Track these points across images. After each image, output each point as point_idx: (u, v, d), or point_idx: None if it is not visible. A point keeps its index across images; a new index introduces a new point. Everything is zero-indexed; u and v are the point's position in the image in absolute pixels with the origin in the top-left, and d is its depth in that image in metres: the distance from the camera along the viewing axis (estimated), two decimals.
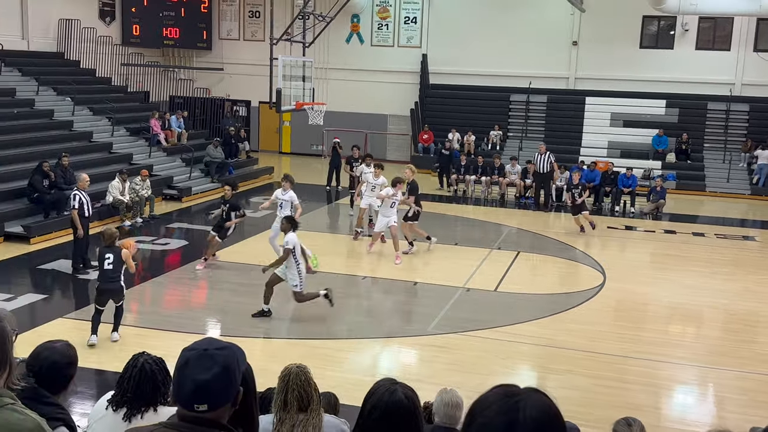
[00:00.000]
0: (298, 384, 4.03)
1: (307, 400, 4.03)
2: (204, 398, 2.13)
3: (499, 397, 1.63)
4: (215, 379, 2.12)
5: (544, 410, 1.62)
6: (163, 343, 9.31)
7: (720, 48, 25.64)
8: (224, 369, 2.14)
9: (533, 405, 1.60)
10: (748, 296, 13.13)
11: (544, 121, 26.55)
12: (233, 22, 29.72)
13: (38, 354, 3.47)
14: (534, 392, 1.66)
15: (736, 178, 23.89)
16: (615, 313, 12.33)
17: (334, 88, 26.88)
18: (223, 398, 2.17)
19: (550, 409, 1.64)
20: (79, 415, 7.35)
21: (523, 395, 1.63)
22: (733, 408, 8.74)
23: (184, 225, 17.42)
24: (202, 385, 2.12)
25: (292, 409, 4.00)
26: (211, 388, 2.13)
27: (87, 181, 13.30)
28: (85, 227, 12.85)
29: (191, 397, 2.14)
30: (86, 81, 23.19)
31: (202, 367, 2.13)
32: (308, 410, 4.02)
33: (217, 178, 21.57)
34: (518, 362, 10.00)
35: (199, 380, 2.12)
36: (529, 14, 26.61)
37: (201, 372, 2.13)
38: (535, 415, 1.59)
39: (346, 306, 12.14)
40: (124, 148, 20.58)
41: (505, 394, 1.64)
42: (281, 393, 4.03)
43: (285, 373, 4.12)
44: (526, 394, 1.64)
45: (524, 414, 1.58)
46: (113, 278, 9.65)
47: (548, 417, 1.62)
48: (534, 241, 16.98)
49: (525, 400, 1.61)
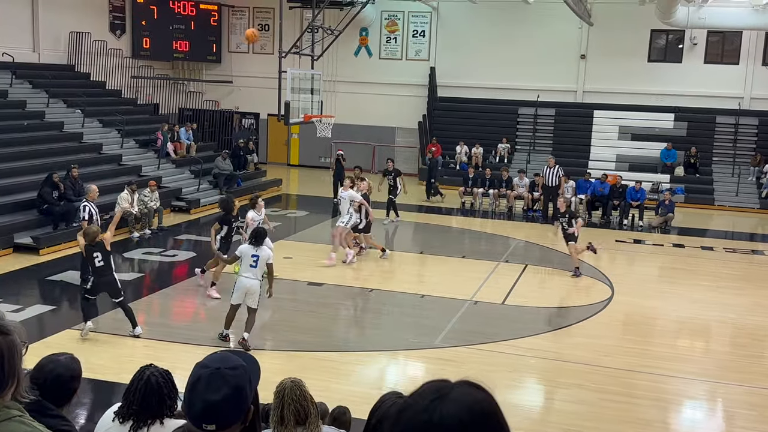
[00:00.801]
0: (293, 399, 4.02)
1: (304, 414, 4.01)
2: (213, 419, 2.13)
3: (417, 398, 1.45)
4: (225, 399, 2.12)
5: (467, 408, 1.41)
6: (171, 356, 9.33)
7: (729, 62, 25.62)
8: (235, 390, 2.14)
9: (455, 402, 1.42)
10: (758, 311, 13.05)
11: (552, 134, 26.55)
12: (243, 35, 29.86)
13: (42, 367, 3.48)
14: (461, 386, 1.46)
15: (745, 192, 23.80)
16: (623, 327, 12.29)
17: (342, 100, 26.95)
18: (233, 418, 2.17)
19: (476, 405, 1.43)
20: (87, 427, 7.36)
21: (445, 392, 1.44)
22: (743, 423, 8.69)
23: (192, 237, 17.46)
24: (211, 406, 2.12)
25: (290, 423, 3.99)
26: (221, 409, 2.12)
27: (96, 193, 13.39)
28: None
29: (200, 416, 2.14)
30: (96, 93, 23.33)
31: (212, 388, 2.13)
32: (306, 423, 4.01)
33: (225, 190, 21.63)
34: (525, 376, 9.96)
35: (209, 401, 2.12)
36: (537, 28, 26.66)
37: (211, 392, 2.12)
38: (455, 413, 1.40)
39: (353, 318, 12.15)
40: (133, 160, 20.68)
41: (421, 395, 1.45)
42: (277, 409, 4.02)
43: (279, 388, 4.11)
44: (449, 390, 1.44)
45: (441, 414, 1.40)
46: (106, 273, 10.19)
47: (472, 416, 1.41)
48: (542, 254, 16.95)
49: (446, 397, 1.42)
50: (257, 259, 10.01)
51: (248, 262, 10.08)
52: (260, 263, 10.01)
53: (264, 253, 10.09)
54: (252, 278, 10.04)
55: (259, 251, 10.08)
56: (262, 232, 10.37)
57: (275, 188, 24.25)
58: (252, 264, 10.03)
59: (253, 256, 10.04)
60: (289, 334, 10.95)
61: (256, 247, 10.11)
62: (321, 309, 12.20)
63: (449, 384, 1.46)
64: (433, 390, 1.45)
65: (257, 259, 10.01)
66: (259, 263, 10.01)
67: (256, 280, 10.05)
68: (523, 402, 9.03)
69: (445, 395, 1.42)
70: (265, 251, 10.14)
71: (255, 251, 10.06)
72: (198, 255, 15.66)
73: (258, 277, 10.05)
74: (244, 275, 10.08)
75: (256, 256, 10.02)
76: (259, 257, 10.01)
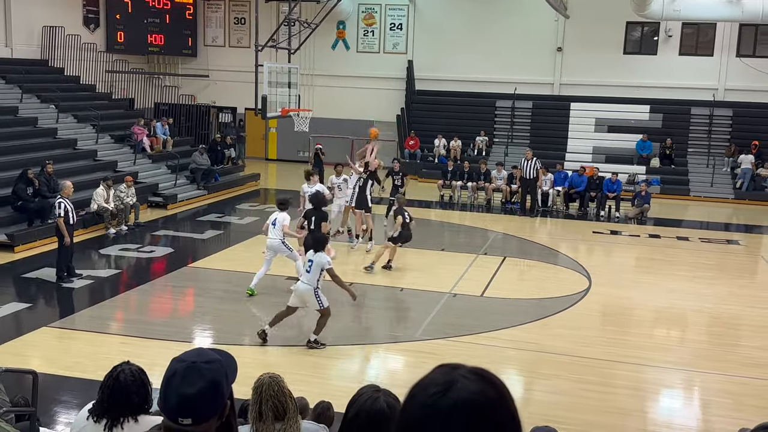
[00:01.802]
0: (272, 394, 4.01)
1: (283, 409, 4.00)
2: (188, 412, 2.13)
3: (424, 387, 1.44)
4: (201, 393, 2.11)
5: (473, 396, 1.40)
6: (149, 353, 9.27)
7: (703, 53, 25.85)
8: (210, 384, 2.13)
9: (461, 391, 1.40)
10: (732, 300, 13.22)
11: (530, 127, 26.65)
12: (218, 28, 29.67)
13: None
14: (468, 377, 1.44)
15: (720, 183, 24.07)
16: (601, 317, 12.39)
17: (319, 94, 26.89)
18: (208, 412, 2.16)
19: (481, 395, 1.42)
20: (64, 425, 7.30)
21: (451, 383, 1.42)
22: (719, 411, 8.80)
23: (169, 232, 17.33)
24: (187, 399, 2.11)
25: (268, 419, 3.97)
26: (196, 403, 2.12)
27: (71, 189, 13.23)
28: (70, 235, 12.78)
29: (176, 410, 2.14)
30: (70, 88, 23.05)
31: (188, 381, 2.12)
32: (285, 419, 3.99)
33: (202, 185, 21.50)
34: (505, 367, 10.01)
35: (185, 394, 2.11)
36: (513, 20, 26.74)
37: (187, 386, 2.12)
38: (462, 402, 1.39)
39: (333, 313, 12.12)
40: (109, 156, 20.48)
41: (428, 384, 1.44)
42: (255, 404, 4.01)
43: (258, 384, 4.09)
44: (456, 380, 1.42)
45: (446, 403, 1.39)
46: None
47: (478, 405, 1.40)
48: (520, 246, 17.03)
49: (451, 386, 1.40)
50: (311, 264, 9.90)
51: (305, 267, 10.06)
52: (314, 268, 9.88)
53: (318, 259, 9.91)
54: (305, 283, 9.91)
55: (315, 256, 9.92)
56: (322, 239, 10.27)
57: (253, 183, 24.13)
58: (307, 269, 9.96)
59: (309, 260, 9.95)
60: (271, 329, 10.89)
61: (315, 252, 9.99)
62: None
63: (455, 377, 1.43)
64: (438, 382, 1.44)
65: (311, 264, 9.90)
66: (312, 268, 9.87)
67: (308, 285, 9.87)
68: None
69: (447, 390, 1.41)
70: (319, 257, 9.94)
71: (311, 256, 9.96)
72: (175, 251, 15.57)
73: (312, 282, 9.86)
74: (302, 280, 10.04)
75: (311, 261, 9.91)
76: (313, 262, 9.89)
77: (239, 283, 13.03)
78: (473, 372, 1.45)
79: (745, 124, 25.14)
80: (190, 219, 18.79)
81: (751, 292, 13.91)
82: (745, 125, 25.09)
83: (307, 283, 9.89)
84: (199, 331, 10.99)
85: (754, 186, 23.65)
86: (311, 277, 9.88)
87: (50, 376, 8.40)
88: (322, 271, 9.88)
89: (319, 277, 9.91)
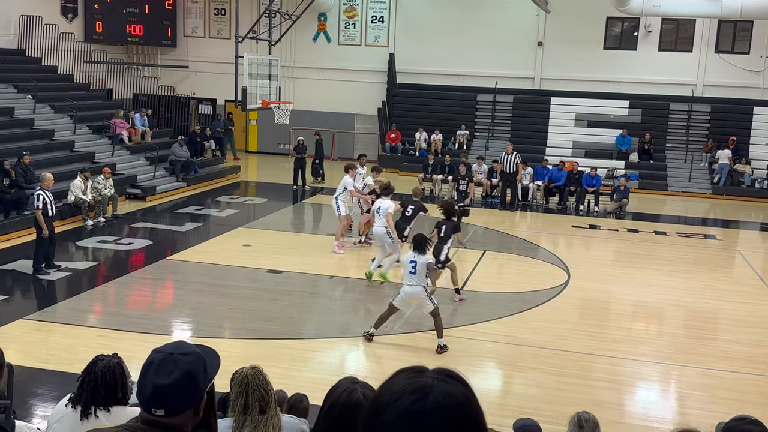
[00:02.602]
0: (257, 384, 4.04)
1: (267, 399, 4.04)
2: (161, 403, 2.12)
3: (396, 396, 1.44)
4: (175, 384, 2.11)
5: (452, 398, 1.42)
6: (127, 345, 9.19)
7: (682, 49, 26.05)
8: (186, 375, 2.13)
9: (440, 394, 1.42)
10: (709, 294, 13.36)
11: (510, 121, 26.73)
12: (198, 19, 29.44)
13: None
14: (441, 383, 1.45)
15: (698, 178, 24.29)
16: (579, 311, 12.46)
17: (300, 86, 26.81)
18: (182, 405, 2.15)
19: (461, 395, 1.45)
20: (40, 418, 7.24)
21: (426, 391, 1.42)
22: (695, 404, 8.89)
23: (148, 224, 17.19)
24: (160, 390, 2.11)
25: (254, 410, 3.99)
26: (169, 394, 2.11)
27: (51, 181, 13.11)
28: (49, 227, 12.65)
29: (149, 400, 2.14)
30: (48, 78, 22.79)
31: (163, 372, 2.12)
32: (267, 410, 4.02)
33: (181, 177, 21.36)
34: (484, 360, 10.06)
35: (158, 384, 2.11)
36: (495, 15, 26.77)
37: (161, 376, 2.12)
38: (446, 404, 1.41)
39: (312, 306, 12.11)
40: (87, 147, 20.27)
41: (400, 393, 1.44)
42: (240, 396, 4.02)
43: (242, 376, 4.10)
44: (429, 388, 1.43)
45: (428, 414, 1.40)
46: None
47: (460, 405, 1.43)
48: (500, 240, 17.09)
49: (427, 397, 1.41)
50: (415, 265, 9.78)
51: (408, 269, 9.86)
52: (419, 269, 9.79)
53: (421, 259, 9.82)
54: (413, 285, 9.80)
55: (418, 258, 9.81)
56: (422, 240, 10.05)
57: (233, 175, 24.01)
58: (411, 271, 9.81)
59: (411, 262, 9.81)
60: (248, 322, 10.88)
61: (416, 253, 9.85)
62: (281, 296, 12.14)
63: (428, 382, 1.44)
64: (411, 390, 1.43)
65: (415, 265, 9.78)
66: (417, 269, 9.78)
67: (418, 286, 9.79)
68: (481, 386, 9.10)
69: (425, 395, 1.41)
70: (423, 257, 9.85)
71: (413, 257, 9.83)
72: (153, 243, 15.45)
73: (421, 283, 9.81)
74: (407, 283, 9.89)
75: (414, 262, 9.79)
76: (417, 263, 9.78)
77: (218, 276, 12.98)
78: (443, 373, 1.47)
79: (722, 120, 25.38)
80: (169, 211, 18.66)
81: (727, 286, 14.06)
82: (723, 121, 25.34)
83: (414, 284, 9.78)
84: (178, 324, 10.93)
85: (731, 181, 23.91)
86: (418, 278, 9.78)
87: (27, 369, 8.32)
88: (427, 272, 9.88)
89: (426, 276, 9.88)
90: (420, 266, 9.78)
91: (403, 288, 9.97)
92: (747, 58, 25.50)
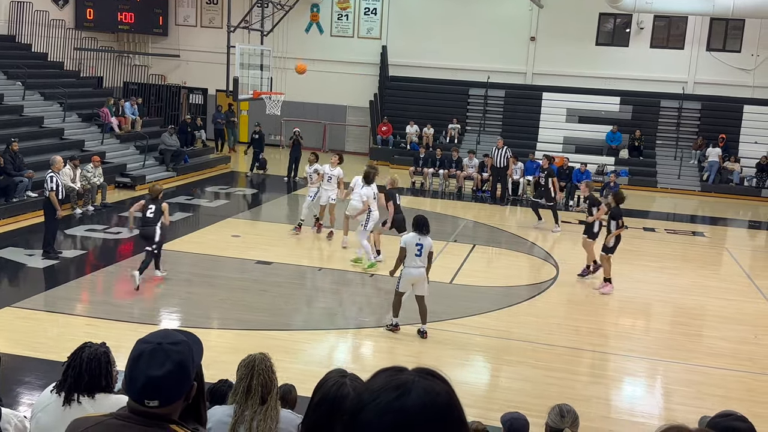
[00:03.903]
0: (263, 369, 4.11)
1: (270, 387, 4.08)
2: (155, 394, 2.11)
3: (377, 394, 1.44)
4: (168, 375, 2.09)
5: (431, 404, 1.42)
6: (115, 334, 9.16)
7: (674, 46, 26.12)
8: (178, 365, 2.11)
9: (418, 397, 1.41)
10: (696, 290, 13.44)
11: (502, 116, 26.74)
12: (190, 8, 29.27)
13: None
14: (421, 380, 1.45)
15: (687, 175, 24.40)
16: (567, 305, 12.51)
17: (292, 77, 26.64)
18: (175, 394, 2.14)
19: (438, 398, 1.44)
20: (27, 406, 7.21)
21: (407, 388, 1.43)
22: (680, 400, 8.95)
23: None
24: (153, 381, 2.09)
25: (256, 394, 4.03)
26: (163, 385, 2.10)
27: (62, 164, 13.55)
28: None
29: (142, 392, 2.11)
30: (38, 65, 22.63)
31: (155, 363, 2.10)
32: (268, 399, 4.06)
33: (172, 166, 21.26)
34: (472, 354, 10.09)
35: (152, 376, 2.09)
36: (488, 8, 26.76)
37: (154, 368, 2.09)
38: (421, 411, 1.40)
39: (303, 297, 12.11)
40: (76, 135, 20.15)
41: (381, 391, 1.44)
42: (245, 379, 4.07)
43: (249, 360, 4.18)
44: (411, 385, 1.43)
45: (407, 412, 1.40)
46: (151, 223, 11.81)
47: (437, 412, 1.42)
48: (489, 235, 17.12)
49: (409, 394, 1.41)
50: (421, 247, 9.82)
51: (413, 252, 9.84)
52: (424, 252, 9.83)
53: (427, 242, 9.87)
54: (418, 266, 9.87)
55: (423, 240, 9.84)
56: (423, 221, 10.03)
57: (223, 166, 23.93)
58: (417, 253, 9.83)
59: (417, 245, 9.83)
60: (238, 313, 10.87)
61: (420, 235, 9.86)
62: (270, 288, 12.13)
63: (409, 379, 1.44)
64: (393, 386, 1.43)
65: (421, 247, 9.82)
66: (423, 251, 9.82)
67: (422, 268, 9.89)
68: (469, 379, 9.15)
69: (407, 392, 1.41)
70: (428, 240, 9.90)
71: (419, 240, 9.85)
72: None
73: (424, 264, 9.89)
74: (411, 266, 9.88)
75: (420, 244, 9.82)
76: (423, 245, 9.82)
77: (207, 267, 12.95)
78: (425, 372, 1.48)
79: (713, 118, 25.48)
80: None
81: (714, 283, 14.15)
82: (713, 119, 25.44)
83: (419, 266, 9.86)
84: (166, 314, 10.91)
85: (720, 179, 24.03)
86: (422, 260, 9.85)
87: (14, 357, 8.29)
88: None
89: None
90: (425, 248, 9.84)
91: (407, 270, 9.94)
92: (738, 56, 25.60)
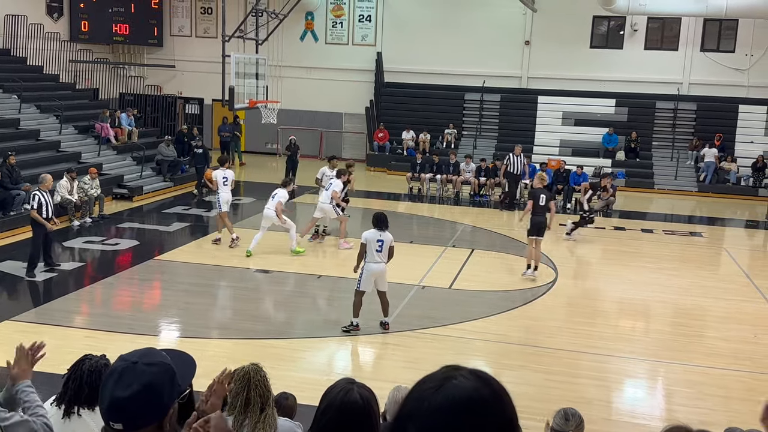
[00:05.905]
0: (259, 380, 4.10)
1: (267, 396, 4.08)
2: (118, 417, 1.97)
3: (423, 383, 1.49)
4: (133, 397, 1.95)
5: (465, 393, 1.43)
6: (113, 346, 9.14)
7: (668, 48, 26.18)
8: (146, 387, 1.96)
9: (454, 388, 1.43)
10: (695, 291, 13.44)
11: (498, 120, 26.78)
12: (185, 18, 29.32)
13: None
14: (463, 376, 1.47)
15: (684, 176, 24.43)
16: (567, 308, 12.51)
17: (288, 86, 26.75)
18: (142, 419, 1.98)
19: (475, 392, 1.44)
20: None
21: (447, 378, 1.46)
22: (681, 401, 8.95)
23: (135, 225, 17.12)
24: (116, 403, 1.96)
25: (256, 405, 4.02)
26: (127, 408, 1.95)
27: (50, 182, 13.17)
28: (43, 228, 12.52)
29: (106, 413, 1.99)
30: (33, 78, 22.63)
31: (122, 383, 1.96)
32: (266, 407, 4.05)
33: (168, 177, 21.26)
34: (473, 359, 10.07)
35: (115, 397, 1.96)
36: (482, 13, 26.81)
37: (119, 388, 1.96)
38: (453, 398, 1.42)
39: (301, 305, 12.10)
40: (73, 147, 20.15)
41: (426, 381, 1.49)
42: (242, 392, 4.04)
43: (243, 372, 4.14)
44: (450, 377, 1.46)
45: (437, 400, 1.43)
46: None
47: (469, 402, 1.42)
48: (488, 239, 17.12)
49: (446, 383, 1.45)
50: (382, 243, 10.08)
51: (374, 248, 10.08)
52: (384, 247, 10.09)
53: (387, 237, 10.15)
54: (379, 262, 10.10)
55: (383, 236, 10.12)
56: (383, 217, 10.31)
57: None
58: (378, 249, 10.08)
59: (378, 241, 10.08)
60: (236, 322, 10.86)
61: (380, 231, 10.14)
62: (269, 296, 12.12)
63: (455, 373, 1.48)
64: (437, 377, 1.48)
65: (382, 243, 10.08)
66: (383, 247, 10.08)
67: (383, 263, 10.13)
68: None
69: (445, 383, 1.45)
70: (388, 235, 10.17)
71: (379, 236, 10.11)
72: (141, 243, 15.37)
73: (384, 260, 10.13)
74: (373, 261, 10.10)
75: (381, 240, 10.08)
76: (383, 242, 10.08)
77: (206, 276, 12.94)
78: (471, 372, 1.49)
79: (708, 118, 25.52)
80: (156, 211, 18.58)
81: (713, 283, 14.16)
82: (709, 119, 25.48)
83: (380, 261, 10.09)
84: (165, 325, 10.89)
85: (717, 179, 24.05)
86: (383, 255, 10.11)
87: None
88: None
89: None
90: (385, 245, 10.06)
91: (369, 265, 10.13)
92: (732, 56, 25.67)
